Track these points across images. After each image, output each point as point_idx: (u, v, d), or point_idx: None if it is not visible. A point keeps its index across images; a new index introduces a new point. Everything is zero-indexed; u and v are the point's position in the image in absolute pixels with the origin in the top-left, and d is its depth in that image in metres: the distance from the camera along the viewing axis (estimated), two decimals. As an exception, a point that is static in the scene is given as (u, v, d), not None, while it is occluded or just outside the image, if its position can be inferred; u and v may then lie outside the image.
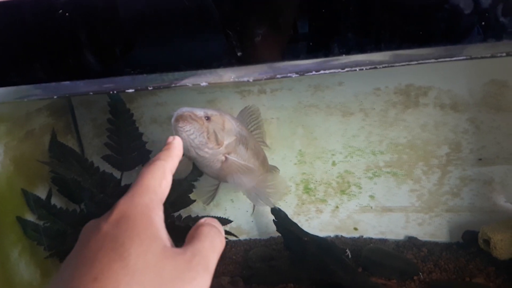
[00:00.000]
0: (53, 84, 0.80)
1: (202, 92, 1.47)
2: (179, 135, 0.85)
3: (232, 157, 0.94)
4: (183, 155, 0.93)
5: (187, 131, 0.86)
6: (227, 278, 1.32)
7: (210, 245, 0.39)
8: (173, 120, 0.86)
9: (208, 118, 0.89)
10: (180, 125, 0.85)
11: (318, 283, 1.22)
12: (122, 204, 0.38)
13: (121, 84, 0.78)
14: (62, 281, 0.34)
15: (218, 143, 0.90)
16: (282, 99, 1.41)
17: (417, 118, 1.32)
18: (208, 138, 0.88)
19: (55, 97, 0.81)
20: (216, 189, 1.18)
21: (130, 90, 0.79)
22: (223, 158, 0.94)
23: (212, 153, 0.91)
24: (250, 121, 1.10)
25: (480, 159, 1.30)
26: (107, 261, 0.33)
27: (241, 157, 0.97)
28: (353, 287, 1.16)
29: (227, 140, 0.93)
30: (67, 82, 0.80)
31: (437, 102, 1.29)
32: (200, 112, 0.88)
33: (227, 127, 0.94)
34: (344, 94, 1.35)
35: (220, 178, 1.01)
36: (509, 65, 1.20)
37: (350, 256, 1.14)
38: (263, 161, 1.11)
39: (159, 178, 0.41)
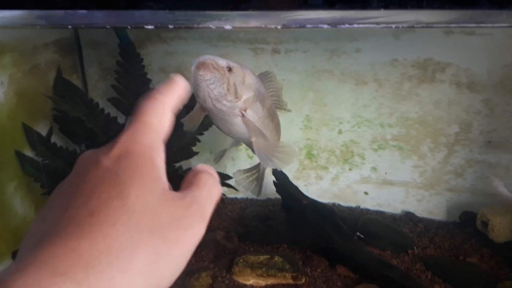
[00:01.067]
0: (69, 11, 0.77)
1: (214, 45, 1.43)
2: (198, 84, 0.82)
3: (248, 114, 0.91)
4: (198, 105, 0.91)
5: (207, 79, 0.82)
6: (222, 233, 1.33)
7: (208, 194, 0.38)
8: (193, 67, 0.82)
9: (230, 69, 0.85)
10: (200, 73, 0.81)
11: (313, 247, 1.22)
12: (124, 141, 0.35)
13: (140, 19, 0.74)
14: (55, 210, 0.32)
15: (237, 96, 0.87)
16: (296, 61, 1.38)
17: (431, 94, 1.30)
18: (227, 90, 0.84)
19: (69, 27, 0.77)
20: (225, 150, 1.16)
21: (150, 27, 0.75)
22: (240, 113, 0.91)
23: (230, 106, 0.87)
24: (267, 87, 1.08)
25: (489, 142, 1.29)
26: (106, 197, 0.31)
27: (257, 115, 0.94)
28: (349, 254, 1.17)
29: (246, 94, 0.89)
30: (84, 11, 0.76)
31: (454, 79, 1.27)
32: (222, 62, 0.84)
33: (247, 82, 0.90)
34: (360, 62, 1.32)
35: (232, 134, 0.99)
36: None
37: (362, 236, 1.13)
38: (277, 124, 1.08)
39: (159, 115, 0.38)
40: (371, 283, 1.10)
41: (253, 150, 1.10)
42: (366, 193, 1.48)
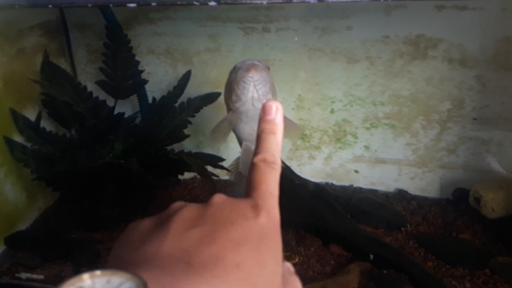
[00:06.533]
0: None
1: (203, 25, 1.40)
2: (245, 86, 0.87)
3: None
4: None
5: (256, 80, 0.87)
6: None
7: None
8: (240, 71, 0.87)
9: (268, 69, 0.91)
10: (251, 74, 0.86)
11: (307, 226, 1.23)
12: (266, 209, 0.35)
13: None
14: (198, 241, 0.31)
15: (273, 93, 0.92)
16: (287, 40, 1.36)
17: (423, 71, 1.28)
18: (269, 88, 0.89)
19: (49, 6, 0.75)
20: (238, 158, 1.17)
21: (132, 5, 0.73)
22: None
23: None
24: None
25: (474, 119, 1.28)
26: (251, 256, 0.31)
27: None
28: (342, 232, 1.17)
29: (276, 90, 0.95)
30: (64, -9, 0.74)
31: (446, 55, 1.25)
32: (263, 62, 0.90)
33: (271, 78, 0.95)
34: (351, 40, 1.30)
35: (252, 135, 0.99)
36: (526, 22, 1.15)
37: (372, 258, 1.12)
38: None
39: (276, 187, 0.38)
40: (364, 262, 1.11)
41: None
42: (356, 171, 1.47)
